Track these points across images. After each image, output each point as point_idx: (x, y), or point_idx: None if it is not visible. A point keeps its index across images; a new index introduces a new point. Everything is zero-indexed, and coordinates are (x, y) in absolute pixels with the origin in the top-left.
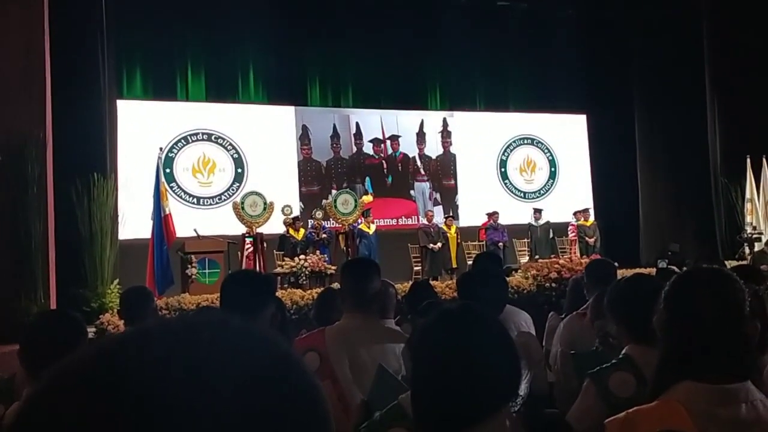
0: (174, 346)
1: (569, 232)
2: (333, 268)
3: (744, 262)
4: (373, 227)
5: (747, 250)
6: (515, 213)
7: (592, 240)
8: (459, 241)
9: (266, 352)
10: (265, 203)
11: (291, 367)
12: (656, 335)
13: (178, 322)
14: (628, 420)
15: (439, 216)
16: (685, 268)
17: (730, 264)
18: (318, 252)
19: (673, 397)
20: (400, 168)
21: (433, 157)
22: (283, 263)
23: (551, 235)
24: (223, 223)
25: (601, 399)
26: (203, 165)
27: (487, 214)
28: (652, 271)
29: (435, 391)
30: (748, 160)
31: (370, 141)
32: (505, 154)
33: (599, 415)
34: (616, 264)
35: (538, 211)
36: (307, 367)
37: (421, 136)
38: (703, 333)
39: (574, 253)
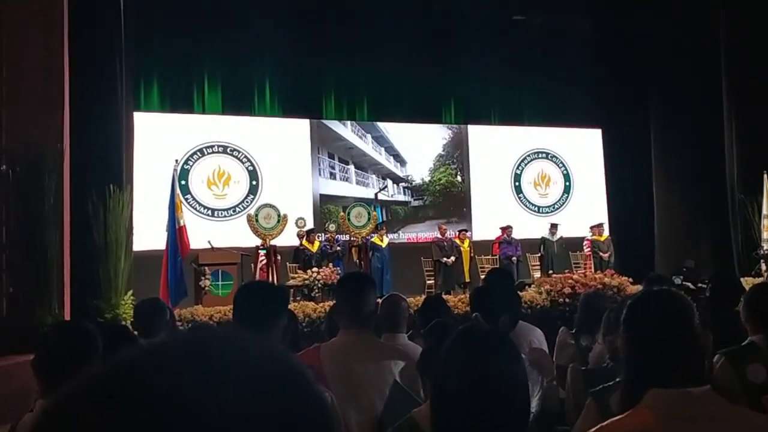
0: (187, 360)
1: (584, 247)
2: None
3: (761, 279)
4: (386, 240)
5: (763, 267)
6: (529, 227)
7: (606, 255)
8: (472, 255)
9: (274, 366)
10: (278, 215)
11: (298, 381)
12: None
13: (191, 336)
14: None
15: (453, 230)
16: (700, 285)
17: (746, 281)
18: (331, 265)
19: (641, 405)
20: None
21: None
22: (296, 275)
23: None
24: (237, 235)
25: (601, 418)
26: (218, 177)
27: (501, 228)
28: None
29: (457, 412)
30: (765, 177)
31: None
32: (520, 168)
33: None
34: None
35: (554, 226)
36: (314, 380)
37: (435, 149)
38: (659, 348)
39: (589, 268)
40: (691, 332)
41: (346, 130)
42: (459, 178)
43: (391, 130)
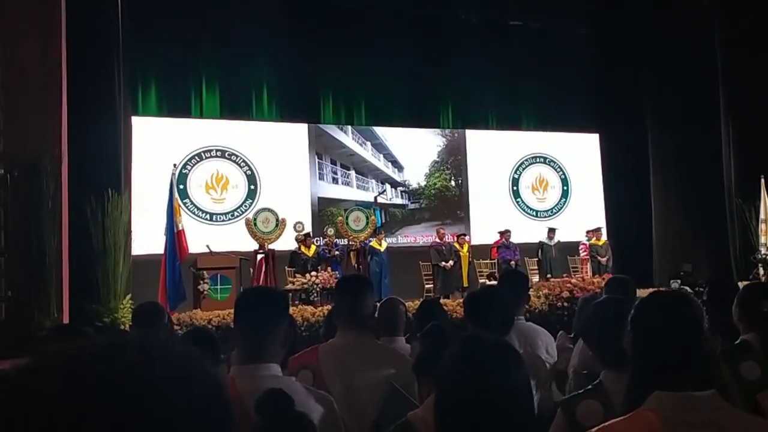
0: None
1: (581, 251)
2: None
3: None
4: (384, 244)
5: (761, 271)
6: (527, 231)
7: (604, 259)
8: (471, 259)
9: (170, 361)
10: (277, 220)
11: (193, 371)
12: (626, 360)
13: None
14: None
15: (448, 231)
16: (698, 289)
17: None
18: (330, 269)
19: (644, 407)
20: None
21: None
22: (294, 280)
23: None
24: (236, 239)
25: (569, 428)
26: (216, 181)
27: (499, 233)
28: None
29: (461, 419)
30: (762, 181)
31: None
32: (518, 172)
33: None
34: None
35: (552, 231)
36: (210, 369)
37: (430, 156)
38: (666, 351)
39: (586, 272)
40: (699, 336)
41: (347, 137)
42: (453, 183)
43: (389, 137)
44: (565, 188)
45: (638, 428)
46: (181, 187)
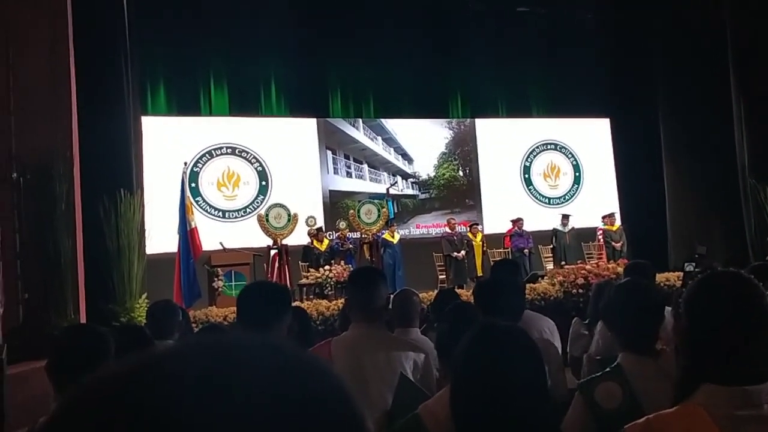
0: (208, 367)
1: (599, 236)
2: None
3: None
4: (397, 236)
5: None
6: (540, 219)
7: (619, 245)
8: (485, 249)
9: (299, 371)
10: (289, 215)
11: (325, 384)
12: (648, 343)
13: (210, 342)
14: (648, 425)
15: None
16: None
17: None
18: (343, 262)
19: (694, 401)
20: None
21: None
22: (308, 274)
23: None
24: (249, 235)
25: (588, 410)
26: (228, 178)
27: (512, 221)
28: (680, 274)
29: (477, 405)
30: None
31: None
32: (529, 160)
33: (586, 426)
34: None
35: (565, 217)
36: (342, 380)
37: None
38: (725, 339)
39: (603, 258)
40: (761, 324)
41: (359, 133)
42: (460, 173)
43: (399, 131)
44: (577, 174)
45: (687, 424)
46: (193, 185)
